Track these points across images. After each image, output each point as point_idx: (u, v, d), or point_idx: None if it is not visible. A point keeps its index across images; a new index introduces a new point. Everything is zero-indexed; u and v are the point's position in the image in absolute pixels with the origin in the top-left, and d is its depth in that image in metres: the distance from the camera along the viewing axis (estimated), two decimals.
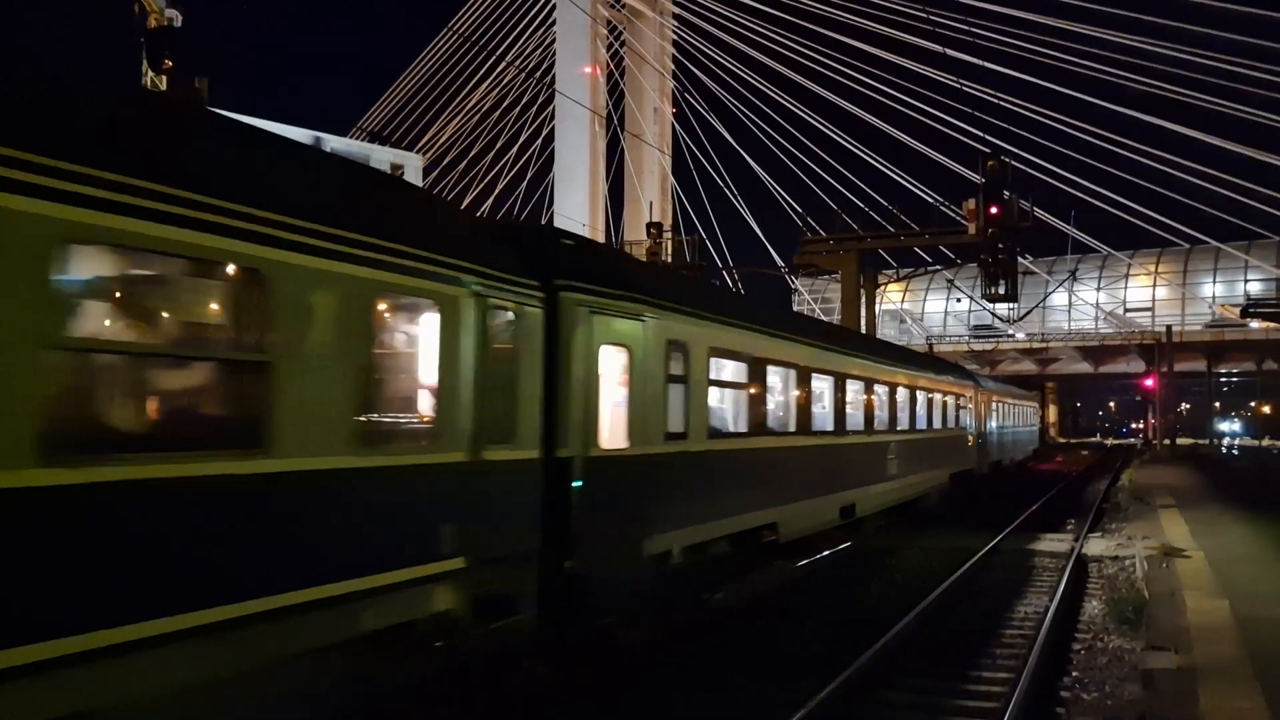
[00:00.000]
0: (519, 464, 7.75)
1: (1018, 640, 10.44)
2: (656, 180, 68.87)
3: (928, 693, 8.47)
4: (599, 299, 8.85)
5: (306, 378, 5.60)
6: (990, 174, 30.87)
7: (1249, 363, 68.17)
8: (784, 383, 14.02)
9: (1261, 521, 18.56)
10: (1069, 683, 8.84)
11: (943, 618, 11.45)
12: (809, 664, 8.85)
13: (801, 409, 14.28)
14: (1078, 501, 27.34)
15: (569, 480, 8.34)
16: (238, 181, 5.39)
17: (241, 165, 5.71)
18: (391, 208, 7.10)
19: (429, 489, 6.66)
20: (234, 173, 5.49)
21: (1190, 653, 8.52)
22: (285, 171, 6.17)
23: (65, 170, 4.34)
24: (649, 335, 9.65)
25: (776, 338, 13.60)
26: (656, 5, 70.12)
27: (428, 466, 6.68)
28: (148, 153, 4.95)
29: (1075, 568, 14.58)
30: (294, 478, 5.46)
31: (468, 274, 7.10)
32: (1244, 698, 7.16)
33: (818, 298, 72.50)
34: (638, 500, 9.43)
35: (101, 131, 4.79)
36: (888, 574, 14.31)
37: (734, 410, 12.75)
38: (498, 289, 7.43)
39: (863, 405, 17.29)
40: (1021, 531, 19.48)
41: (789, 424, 14.09)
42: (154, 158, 4.93)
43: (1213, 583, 11.98)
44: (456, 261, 6.99)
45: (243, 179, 5.48)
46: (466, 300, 7.06)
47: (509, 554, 7.56)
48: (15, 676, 4.08)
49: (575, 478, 8.40)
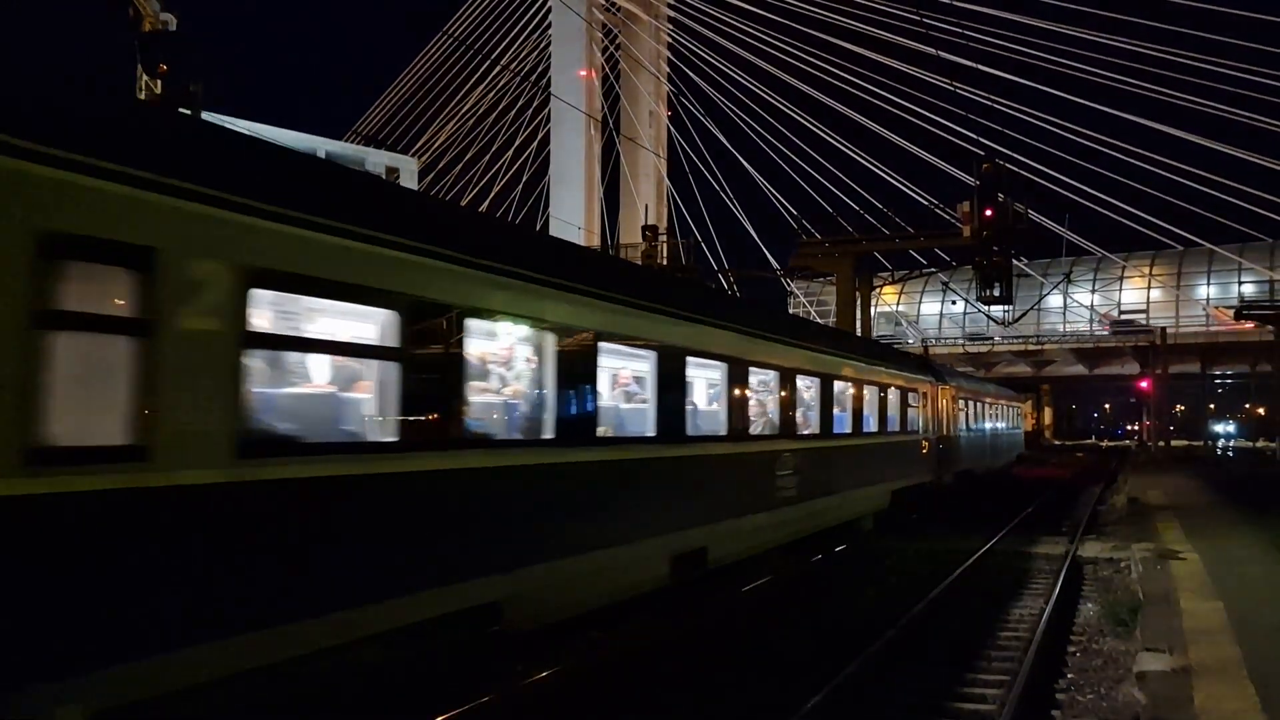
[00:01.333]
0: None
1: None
2: (652, 183, 68.88)
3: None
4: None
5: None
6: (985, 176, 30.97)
7: (1243, 365, 68.30)
8: (535, 354, 8.13)
9: (1256, 523, 18.60)
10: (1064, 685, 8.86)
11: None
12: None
13: (573, 399, 8.41)
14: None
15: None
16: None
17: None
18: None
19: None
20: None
21: (1185, 654, 8.54)
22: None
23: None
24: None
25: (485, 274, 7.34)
26: (652, 9, 70.16)
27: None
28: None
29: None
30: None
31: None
32: (1238, 698, 7.18)
33: (813, 300, 72.58)
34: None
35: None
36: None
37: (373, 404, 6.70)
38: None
39: (728, 400, 11.54)
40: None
41: (541, 426, 8.06)
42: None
43: (1208, 584, 12.01)
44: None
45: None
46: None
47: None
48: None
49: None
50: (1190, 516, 20.01)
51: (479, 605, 6.99)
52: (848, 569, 15.22)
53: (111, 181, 4.59)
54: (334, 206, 6.03)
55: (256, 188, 5.45)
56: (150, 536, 4.69)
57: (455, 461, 6.79)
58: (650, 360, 9.90)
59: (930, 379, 22.94)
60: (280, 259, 5.50)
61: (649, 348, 9.77)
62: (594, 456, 8.66)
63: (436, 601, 6.54)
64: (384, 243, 6.27)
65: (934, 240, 37.64)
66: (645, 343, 9.70)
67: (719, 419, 11.57)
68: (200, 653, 4.89)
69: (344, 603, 5.79)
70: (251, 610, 5.22)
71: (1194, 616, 10.09)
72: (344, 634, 5.76)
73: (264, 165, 5.92)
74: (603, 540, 8.59)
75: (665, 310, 10.08)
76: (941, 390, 23.93)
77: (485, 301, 7.23)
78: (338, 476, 5.82)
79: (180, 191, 4.93)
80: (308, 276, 5.72)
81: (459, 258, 6.96)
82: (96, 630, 4.44)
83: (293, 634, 5.44)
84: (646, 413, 9.94)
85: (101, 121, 4.86)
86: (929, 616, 11.54)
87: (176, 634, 4.79)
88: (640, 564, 9.37)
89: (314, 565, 5.65)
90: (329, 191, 6.25)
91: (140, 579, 4.63)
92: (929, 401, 22.34)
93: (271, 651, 5.30)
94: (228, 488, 5.12)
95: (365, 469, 6.07)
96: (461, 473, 6.85)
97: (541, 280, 7.92)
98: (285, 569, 5.45)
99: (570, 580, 8.14)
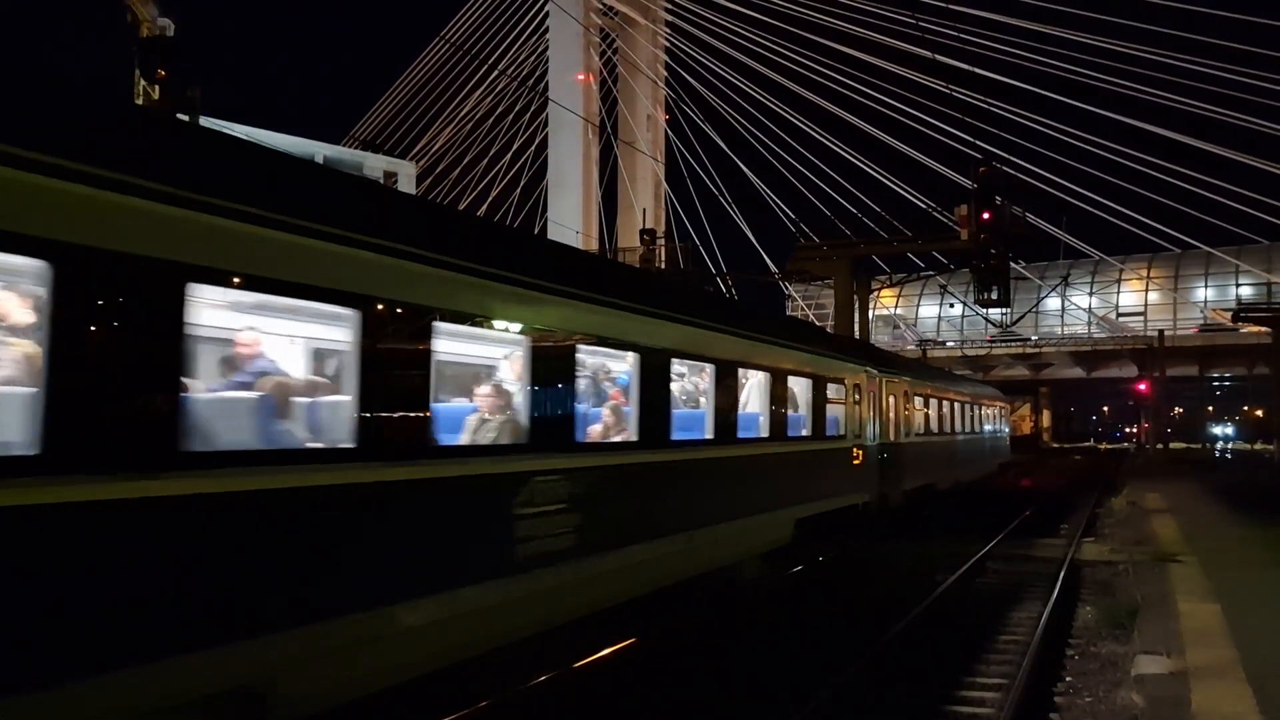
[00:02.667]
0: None
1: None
2: (650, 187, 68.92)
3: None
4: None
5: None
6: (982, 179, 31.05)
7: (1240, 367, 68.41)
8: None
9: (1254, 525, 18.63)
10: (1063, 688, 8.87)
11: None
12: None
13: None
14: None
15: None
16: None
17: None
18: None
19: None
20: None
21: (1183, 657, 8.56)
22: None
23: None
24: None
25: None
26: (649, 13, 70.26)
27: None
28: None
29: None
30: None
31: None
32: (1236, 701, 7.19)
33: (811, 304, 72.69)
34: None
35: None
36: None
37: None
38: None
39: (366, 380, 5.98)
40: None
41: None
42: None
43: (1205, 587, 12.02)
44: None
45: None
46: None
47: None
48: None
49: None
50: (1188, 518, 20.02)
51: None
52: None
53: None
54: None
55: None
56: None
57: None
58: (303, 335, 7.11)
59: (867, 368, 17.57)
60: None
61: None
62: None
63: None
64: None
65: (931, 243, 37.66)
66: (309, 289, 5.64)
67: (401, 428, 6.25)
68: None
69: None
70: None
71: (1191, 618, 10.11)
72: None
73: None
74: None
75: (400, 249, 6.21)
76: (886, 383, 18.75)
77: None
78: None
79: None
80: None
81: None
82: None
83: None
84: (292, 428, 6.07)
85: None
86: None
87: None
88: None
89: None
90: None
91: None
92: (866, 397, 17.18)
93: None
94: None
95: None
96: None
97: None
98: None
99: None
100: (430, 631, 6.40)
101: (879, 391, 18.22)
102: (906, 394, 20.59)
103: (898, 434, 19.59)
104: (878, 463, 17.87)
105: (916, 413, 21.66)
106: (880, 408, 18.29)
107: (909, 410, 20.73)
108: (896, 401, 19.58)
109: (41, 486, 4.17)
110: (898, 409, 19.65)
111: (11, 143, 4.13)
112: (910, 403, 20.92)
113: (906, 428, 20.42)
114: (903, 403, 20.14)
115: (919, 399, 22.04)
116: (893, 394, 19.23)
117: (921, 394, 22.37)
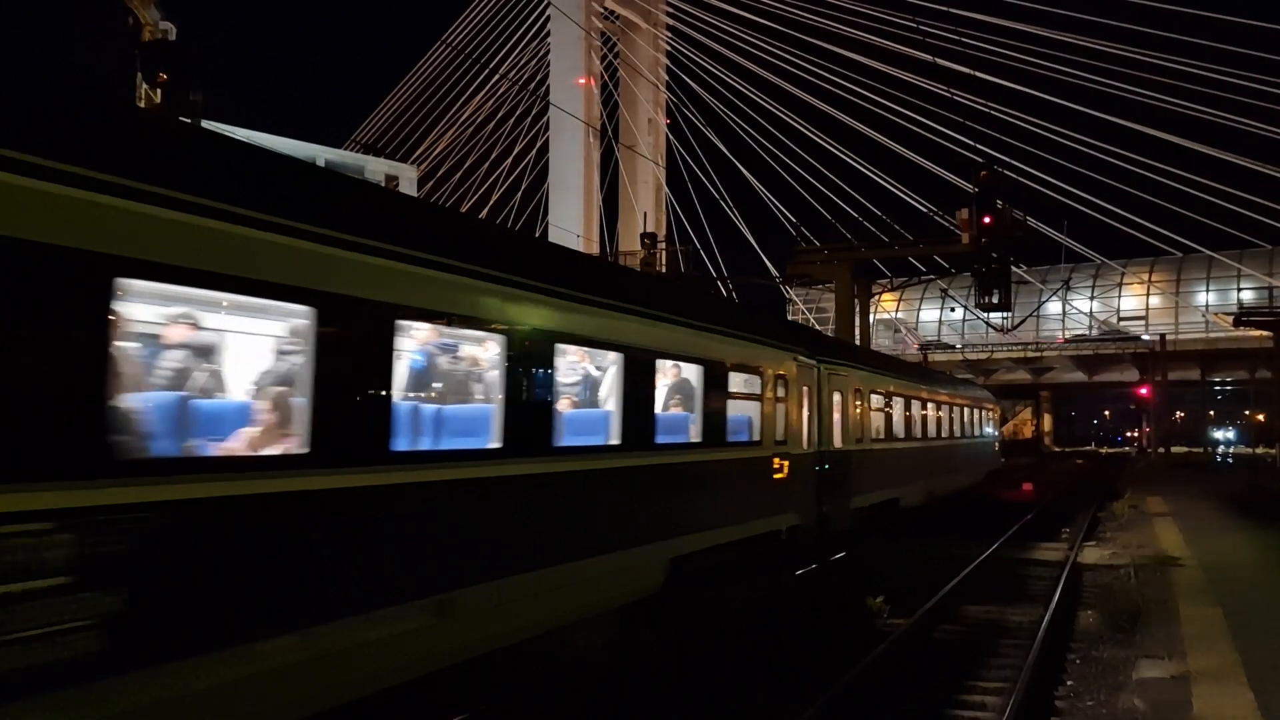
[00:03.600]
0: None
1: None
2: (651, 191, 69.02)
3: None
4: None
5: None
6: (983, 183, 31.14)
7: (1242, 371, 68.37)
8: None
9: (1255, 529, 18.61)
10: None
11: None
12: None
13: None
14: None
15: None
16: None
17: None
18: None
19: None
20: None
21: (1184, 661, 8.54)
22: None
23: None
24: None
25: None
26: (651, 17, 70.37)
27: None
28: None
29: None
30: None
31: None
32: (1238, 705, 7.18)
33: (812, 308, 72.71)
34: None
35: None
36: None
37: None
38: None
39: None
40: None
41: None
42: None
43: (1207, 591, 12.01)
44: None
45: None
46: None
47: None
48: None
49: None
50: (1189, 522, 19.99)
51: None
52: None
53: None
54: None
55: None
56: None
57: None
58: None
59: (798, 355, 14.04)
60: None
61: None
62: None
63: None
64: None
65: (933, 247, 37.73)
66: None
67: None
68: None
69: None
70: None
71: (1193, 623, 10.10)
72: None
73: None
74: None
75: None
76: (829, 376, 15.41)
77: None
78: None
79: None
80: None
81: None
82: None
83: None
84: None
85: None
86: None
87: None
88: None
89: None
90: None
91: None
92: (797, 392, 13.77)
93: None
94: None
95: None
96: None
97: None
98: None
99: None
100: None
101: (817, 386, 14.78)
102: (859, 391, 17.21)
103: (846, 439, 16.18)
104: (815, 475, 14.50)
105: (874, 414, 18.44)
106: (820, 406, 14.91)
107: (862, 410, 17.38)
108: (844, 399, 16.21)
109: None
110: (846, 408, 16.31)
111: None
112: (864, 401, 17.53)
113: (859, 431, 17.12)
114: (854, 401, 16.77)
115: (878, 397, 18.77)
116: (839, 390, 15.93)
117: (881, 391, 18.99)
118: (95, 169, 4.45)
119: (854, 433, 16.76)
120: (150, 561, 4.59)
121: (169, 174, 4.84)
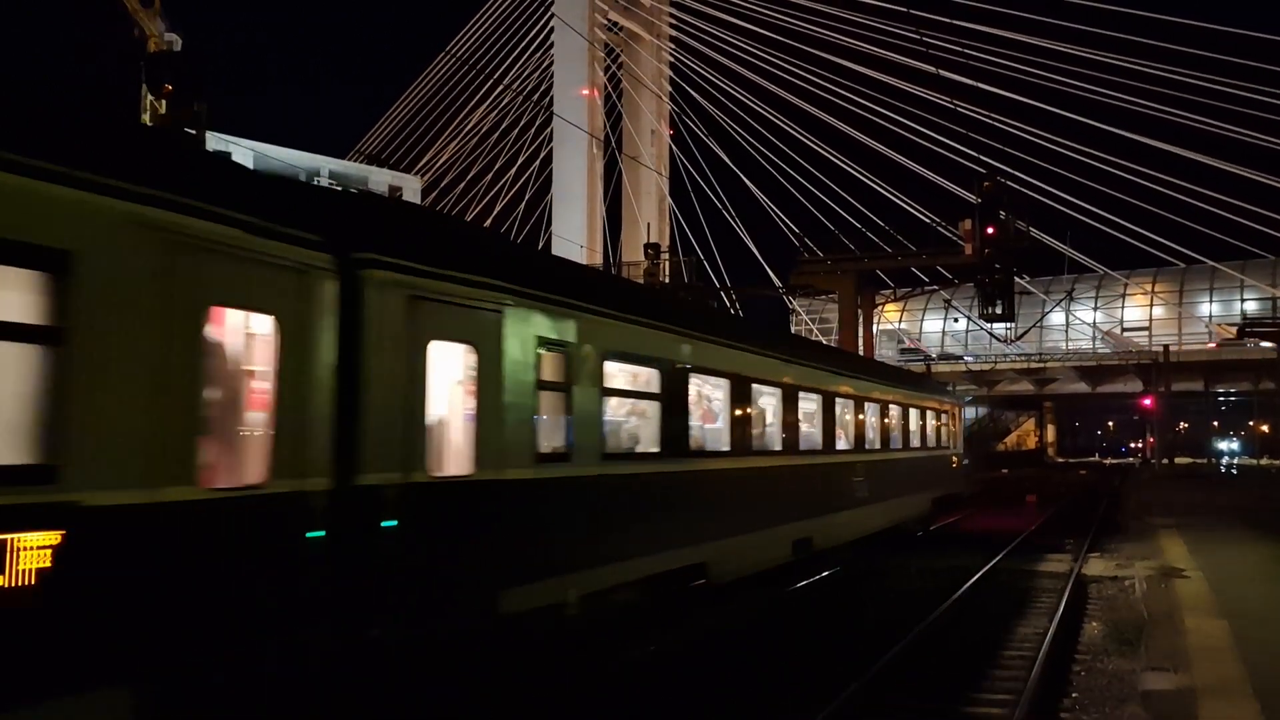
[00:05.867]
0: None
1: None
2: (654, 202, 69.11)
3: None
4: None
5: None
6: (986, 194, 31.10)
7: (1245, 382, 68.28)
8: None
9: (1260, 541, 18.53)
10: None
11: None
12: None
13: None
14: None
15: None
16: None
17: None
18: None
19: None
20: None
21: (1189, 673, 8.50)
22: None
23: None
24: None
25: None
26: (654, 29, 70.62)
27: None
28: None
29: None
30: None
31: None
32: (1243, 718, 7.14)
33: (815, 318, 72.72)
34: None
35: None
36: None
37: None
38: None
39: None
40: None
41: None
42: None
43: (1212, 603, 11.95)
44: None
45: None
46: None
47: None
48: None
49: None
50: (1194, 534, 19.90)
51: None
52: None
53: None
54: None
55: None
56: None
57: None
58: None
59: (499, 291, 7.66)
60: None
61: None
62: None
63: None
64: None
65: (936, 258, 37.75)
66: None
67: None
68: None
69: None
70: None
71: (1198, 635, 10.05)
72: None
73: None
74: None
75: None
76: (424, 309, 6.88)
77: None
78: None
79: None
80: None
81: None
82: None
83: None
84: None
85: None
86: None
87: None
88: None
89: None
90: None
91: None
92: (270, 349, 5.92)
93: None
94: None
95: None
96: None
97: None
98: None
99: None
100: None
101: (370, 329, 6.51)
102: (569, 356, 8.77)
103: (487, 452, 7.54)
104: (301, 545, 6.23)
105: (692, 411, 11.41)
106: (383, 379, 6.61)
107: (670, 405, 10.66)
108: (489, 368, 7.64)
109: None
110: (488, 385, 7.60)
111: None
112: (590, 377, 9.15)
113: (558, 434, 8.73)
114: (538, 370, 8.28)
115: (646, 370, 10.50)
116: (469, 341, 7.48)
117: (646, 360, 10.40)
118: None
119: (618, 433, 10.32)
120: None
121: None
